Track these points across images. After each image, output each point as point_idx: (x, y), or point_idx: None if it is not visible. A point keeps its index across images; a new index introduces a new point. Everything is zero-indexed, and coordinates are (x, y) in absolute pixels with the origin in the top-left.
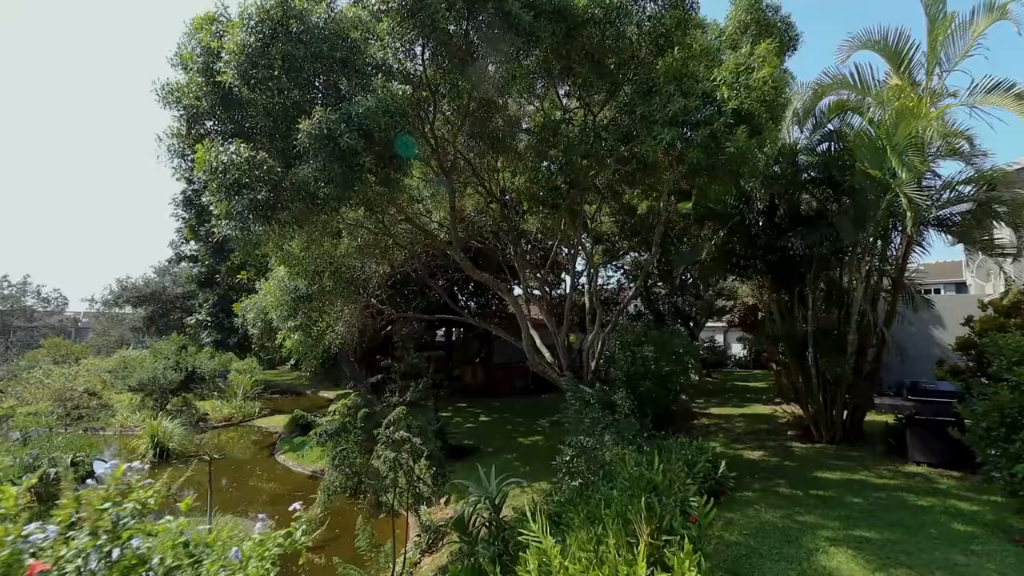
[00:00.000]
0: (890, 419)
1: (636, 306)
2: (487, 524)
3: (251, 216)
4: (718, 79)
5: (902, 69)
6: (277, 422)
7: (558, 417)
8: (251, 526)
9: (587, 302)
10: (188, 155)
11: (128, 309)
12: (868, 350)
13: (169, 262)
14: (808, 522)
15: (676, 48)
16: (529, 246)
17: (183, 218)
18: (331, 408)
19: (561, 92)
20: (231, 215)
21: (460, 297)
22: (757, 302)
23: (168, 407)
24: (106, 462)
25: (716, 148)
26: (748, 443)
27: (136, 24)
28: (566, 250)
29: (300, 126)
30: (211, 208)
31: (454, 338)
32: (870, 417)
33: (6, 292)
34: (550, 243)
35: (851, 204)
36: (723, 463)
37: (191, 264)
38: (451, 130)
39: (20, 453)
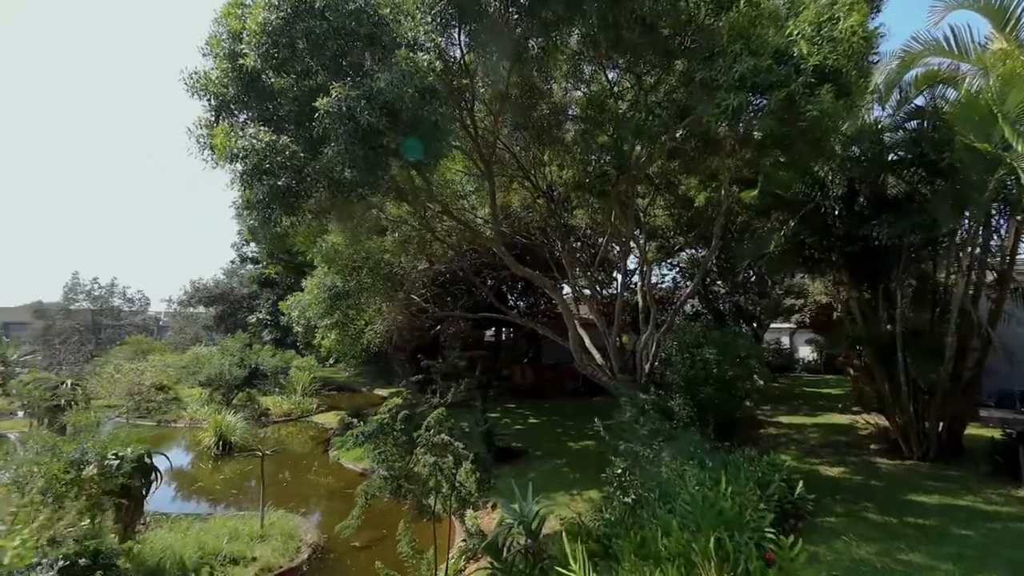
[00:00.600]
0: (996, 433)
1: (693, 306)
2: (523, 551)
3: (274, 204)
4: (794, 33)
5: (1008, 30)
6: (332, 418)
7: (610, 423)
8: (301, 523)
9: (640, 300)
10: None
11: (201, 309)
12: (969, 354)
13: (232, 263)
14: (914, 562)
15: (741, 2)
16: (578, 243)
17: (245, 221)
18: (383, 407)
19: (611, 76)
20: (252, 204)
21: (508, 297)
22: (831, 300)
23: (234, 402)
24: (166, 457)
25: (793, 114)
26: (825, 457)
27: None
28: (617, 248)
29: (317, 103)
30: (237, 197)
31: (503, 338)
32: (971, 430)
33: (96, 293)
34: (600, 240)
35: (948, 186)
36: (799, 482)
37: (252, 265)
38: (491, 118)
39: (67, 448)
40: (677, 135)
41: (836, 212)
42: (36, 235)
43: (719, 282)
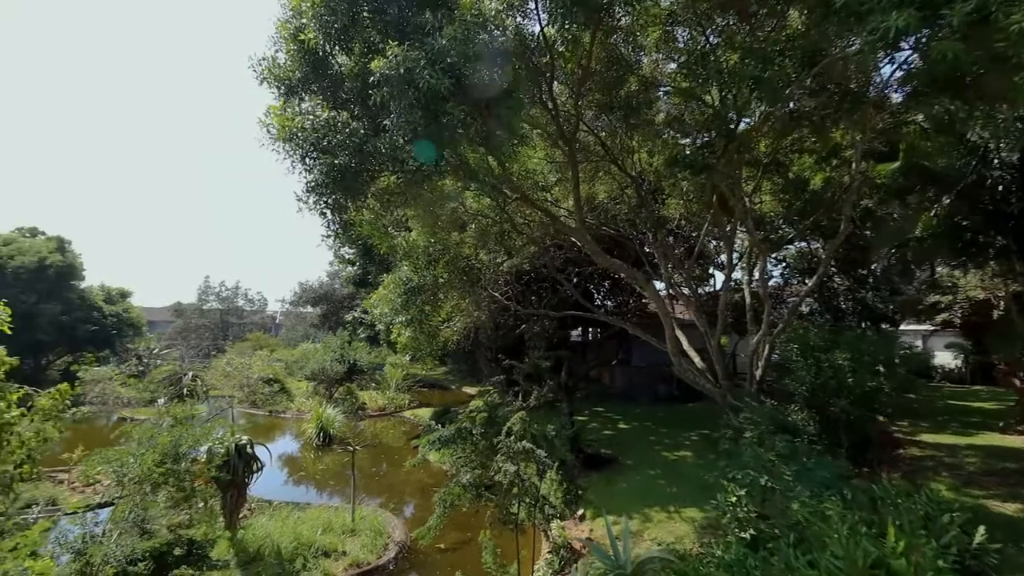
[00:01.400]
0: None
1: (807, 304)
2: None
3: (334, 186)
4: None
5: None
6: (423, 414)
7: (723, 436)
8: (389, 520)
9: (747, 298)
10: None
11: (308, 308)
12: None
13: (331, 264)
14: None
15: None
16: (671, 237)
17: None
18: (471, 406)
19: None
20: (312, 187)
21: (595, 295)
22: (991, 296)
23: (335, 396)
24: (266, 447)
25: (984, 32)
26: (991, 488)
27: None
28: (713, 241)
29: (372, 65)
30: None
31: (589, 338)
32: None
33: (224, 295)
34: (694, 234)
35: None
36: (979, 528)
37: (348, 266)
38: (573, 99)
39: (163, 440)
40: (804, 86)
41: (1007, 185)
42: (175, 242)
43: (837, 277)
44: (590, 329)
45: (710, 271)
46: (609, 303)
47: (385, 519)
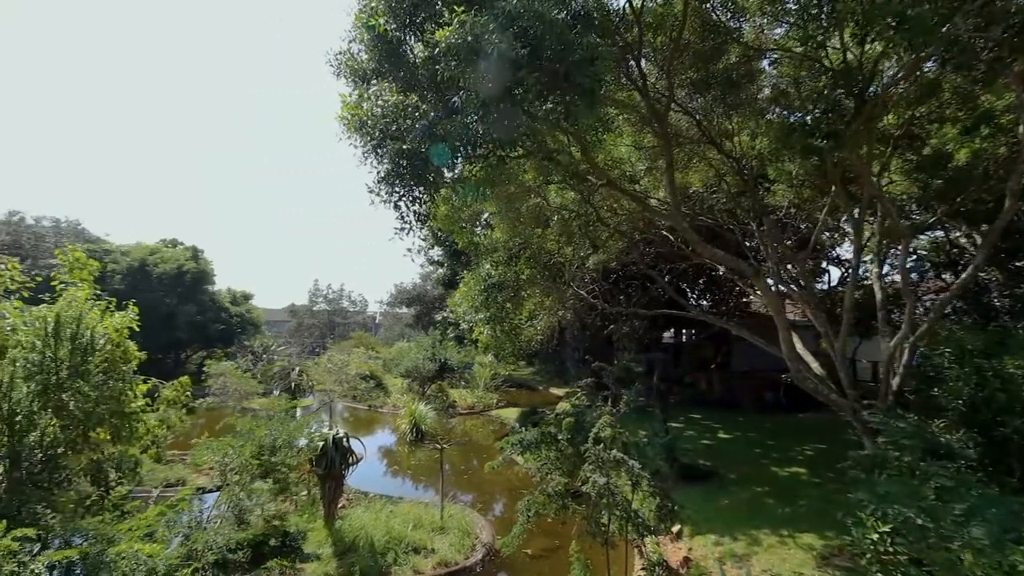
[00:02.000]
0: None
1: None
2: None
3: (403, 173)
4: None
5: None
6: (510, 414)
7: (845, 463)
8: (477, 520)
9: (877, 294)
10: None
11: (403, 309)
12: None
13: (422, 266)
14: None
15: None
16: (779, 227)
17: (428, 227)
18: (558, 407)
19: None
20: (383, 178)
21: (689, 293)
22: None
23: (427, 393)
24: (360, 441)
25: None
26: None
27: None
28: (826, 233)
29: (438, 35)
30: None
31: (682, 340)
32: None
33: (330, 297)
34: (803, 226)
35: None
36: None
37: (437, 267)
38: (663, 71)
39: (260, 433)
40: (971, 18)
41: None
42: (290, 248)
43: (988, 269)
44: (682, 331)
45: (823, 265)
46: (705, 302)
47: (473, 519)
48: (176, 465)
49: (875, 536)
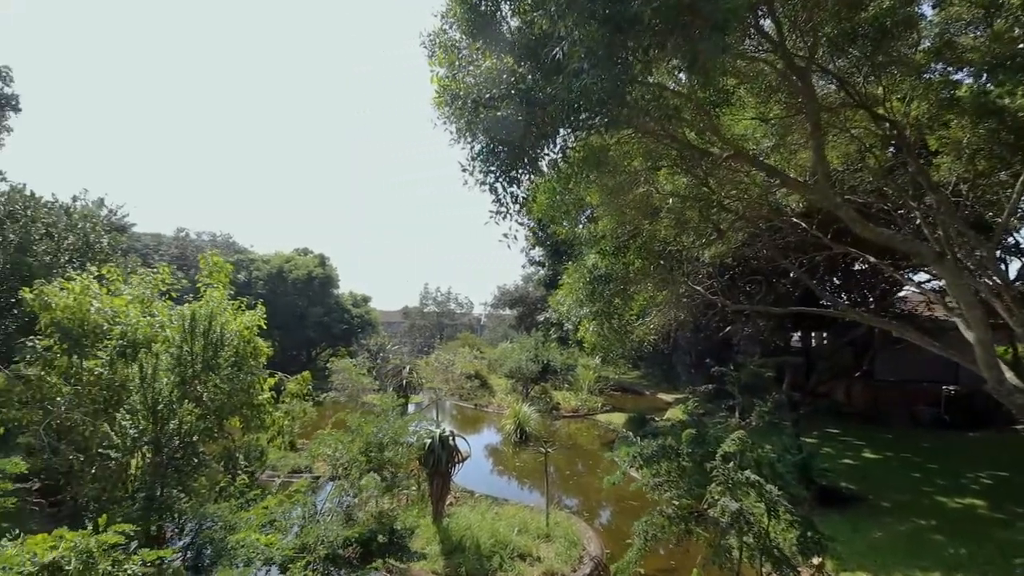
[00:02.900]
0: None
1: None
2: None
3: (497, 146)
4: None
5: None
6: (616, 419)
7: None
8: (584, 530)
9: None
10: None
11: (506, 310)
12: None
13: (523, 267)
14: None
15: None
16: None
17: (528, 226)
18: (667, 414)
19: None
20: (476, 155)
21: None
22: None
23: (531, 394)
24: (464, 440)
25: None
26: None
27: None
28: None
29: None
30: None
31: (812, 343)
32: None
33: (439, 299)
34: (976, 206)
35: None
36: None
37: (538, 268)
38: (798, 26)
39: (367, 429)
40: None
41: None
42: (404, 253)
43: None
44: (812, 333)
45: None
46: (843, 298)
47: (580, 528)
48: (304, 452)
49: None
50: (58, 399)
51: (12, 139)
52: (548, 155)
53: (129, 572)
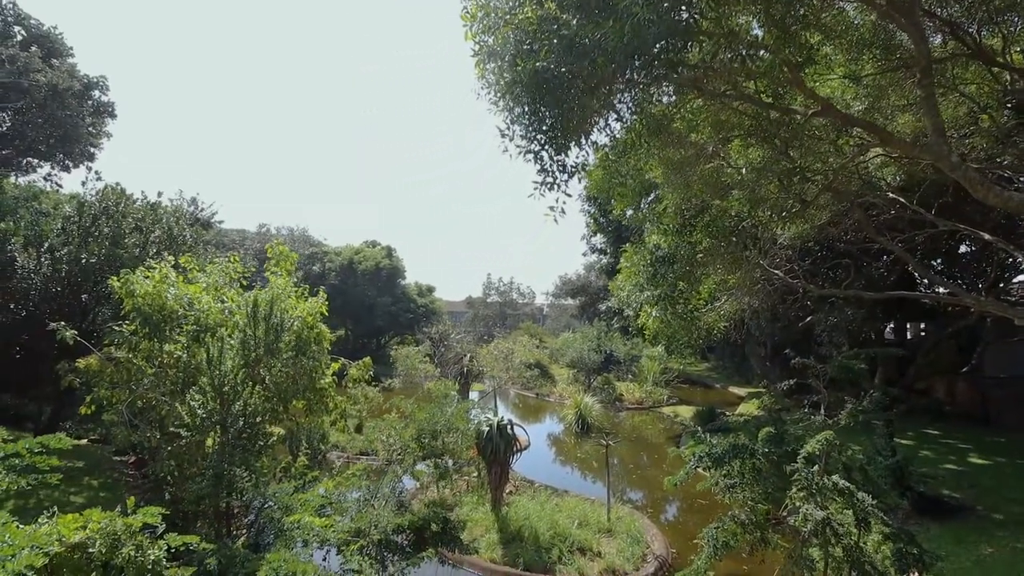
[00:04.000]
0: None
1: None
2: None
3: (537, 102)
4: None
5: None
6: (683, 412)
7: None
8: (648, 527)
9: None
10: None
11: (568, 300)
12: None
13: (584, 255)
14: None
15: None
16: None
17: (588, 212)
18: (739, 409)
19: None
20: (516, 118)
21: (917, 277)
22: None
23: (593, 384)
24: (523, 428)
25: None
26: None
27: None
28: None
29: None
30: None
31: (909, 336)
32: None
33: (501, 289)
34: None
35: None
36: None
37: (600, 256)
38: None
39: (420, 416)
40: None
41: None
42: (466, 248)
43: None
44: (909, 324)
45: None
46: (939, 288)
47: (643, 524)
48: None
49: None
50: (144, 380)
51: (110, 143)
52: (599, 119)
53: (152, 557)
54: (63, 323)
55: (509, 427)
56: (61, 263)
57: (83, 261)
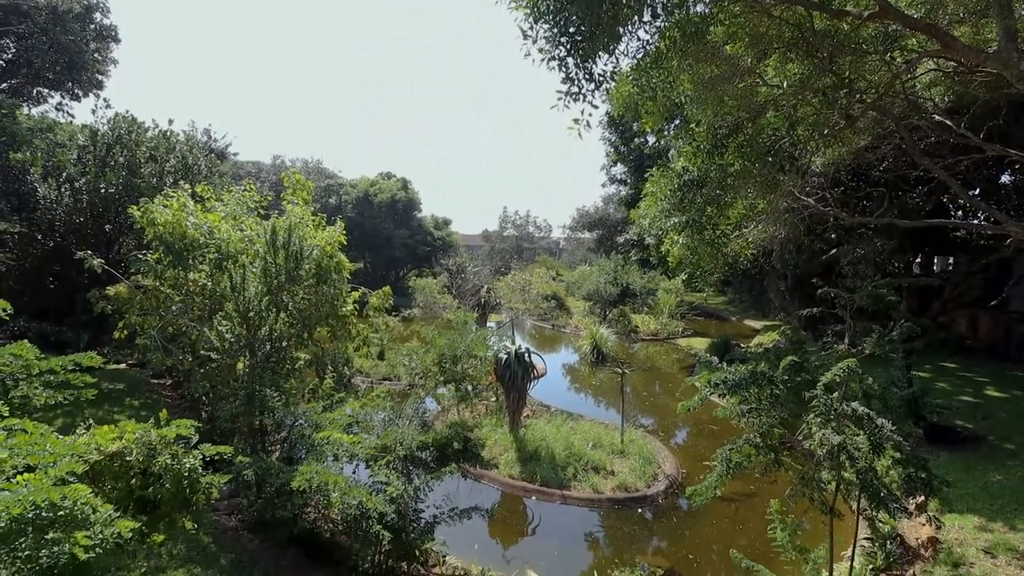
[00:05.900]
0: None
1: None
2: None
3: (564, 7)
4: None
5: None
6: (698, 344)
7: None
8: (659, 449)
9: None
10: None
11: (585, 233)
12: None
13: (603, 186)
14: None
15: None
16: None
17: (609, 140)
18: (754, 341)
19: None
20: (540, 14)
21: (951, 207)
22: None
23: (608, 316)
24: (540, 356)
25: None
26: None
27: None
28: None
29: None
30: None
31: (936, 268)
32: None
33: (518, 223)
34: None
35: None
36: None
37: (619, 187)
38: None
39: (439, 342)
40: None
41: None
42: (485, 180)
43: None
44: (937, 257)
45: None
46: (982, 216)
47: (655, 447)
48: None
49: None
50: (172, 307)
51: (122, 74)
52: (629, 24)
53: (188, 465)
54: (90, 252)
55: (527, 354)
56: (81, 193)
57: (102, 191)
